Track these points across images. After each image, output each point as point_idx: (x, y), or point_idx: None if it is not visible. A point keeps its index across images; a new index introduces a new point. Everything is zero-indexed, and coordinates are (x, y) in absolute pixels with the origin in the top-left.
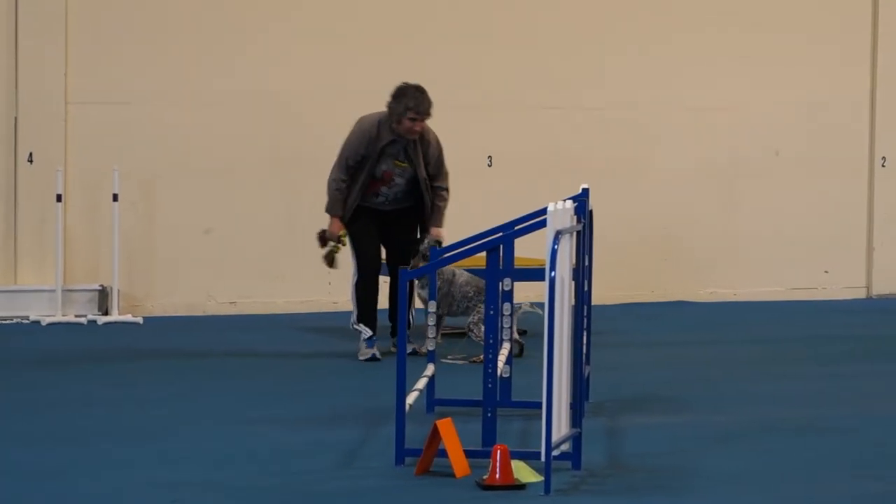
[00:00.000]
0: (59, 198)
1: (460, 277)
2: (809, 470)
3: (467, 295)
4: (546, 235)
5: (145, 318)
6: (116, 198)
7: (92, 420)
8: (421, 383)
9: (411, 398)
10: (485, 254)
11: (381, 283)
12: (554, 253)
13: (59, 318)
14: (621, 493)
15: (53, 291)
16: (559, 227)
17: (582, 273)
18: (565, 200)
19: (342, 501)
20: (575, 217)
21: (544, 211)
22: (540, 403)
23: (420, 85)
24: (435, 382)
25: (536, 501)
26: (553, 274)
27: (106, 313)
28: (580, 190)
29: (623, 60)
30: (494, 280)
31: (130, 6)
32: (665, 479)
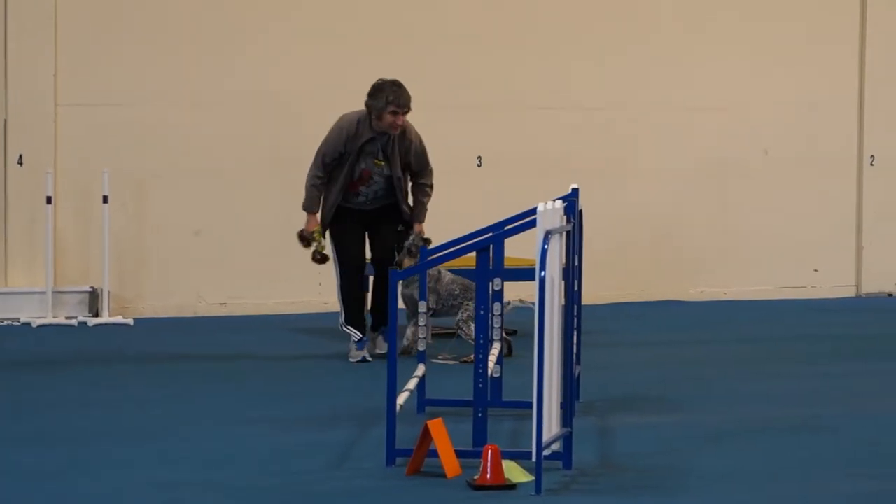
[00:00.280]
0: (49, 200)
1: (445, 276)
2: (800, 469)
3: (453, 293)
4: (536, 235)
5: (136, 320)
6: (106, 199)
7: (86, 421)
8: (411, 384)
9: (402, 399)
10: (475, 254)
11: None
12: (544, 253)
13: (50, 320)
14: (612, 493)
15: (44, 293)
16: (549, 227)
17: (572, 273)
18: (555, 200)
19: (334, 502)
20: (564, 217)
21: (534, 211)
22: (530, 403)
23: (396, 80)
24: (425, 383)
25: (527, 501)
26: (543, 274)
27: (96, 315)
28: (570, 190)
29: (613, 60)
30: (484, 280)
31: (120, 8)
32: (656, 479)
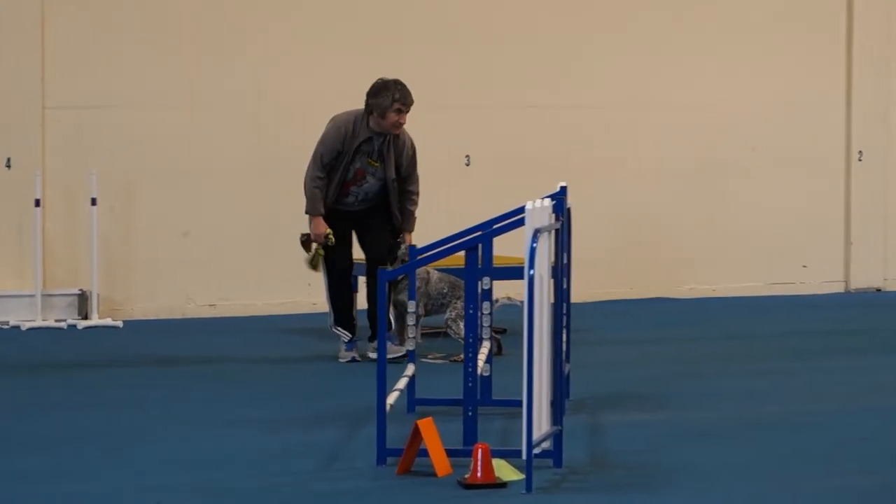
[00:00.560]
0: (38, 202)
1: (433, 275)
2: (790, 465)
3: (442, 291)
4: (525, 234)
5: (125, 322)
6: (95, 202)
7: (75, 424)
8: (401, 383)
9: (392, 398)
10: (463, 253)
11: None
12: (532, 251)
13: (39, 323)
14: (603, 491)
15: (33, 296)
16: (537, 226)
17: (561, 271)
18: (543, 199)
19: (324, 502)
20: (553, 215)
21: (522, 209)
22: (520, 402)
23: (398, 78)
24: (415, 382)
25: (518, 500)
26: (532, 272)
27: (86, 317)
28: (558, 188)
29: (601, 60)
30: (473, 279)
31: (107, 10)
32: (646, 476)
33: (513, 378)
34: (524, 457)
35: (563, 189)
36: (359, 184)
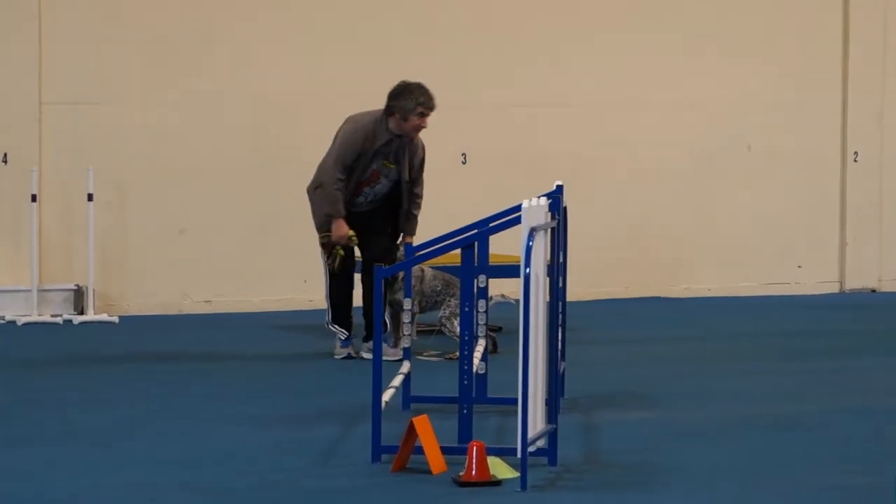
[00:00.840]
0: (34, 198)
1: (427, 273)
2: (783, 465)
3: (436, 289)
4: (521, 232)
5: (121, 318)
6: (91, 198)
7: (68, 420)
8: (397, 380)
9: (387, 395)
10: (459, 251)
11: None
12: (528, 250)
13: (35, 318)
14: (597, 489)
15: (29, 291)
16: (533, 224)
17: (557, 269)
18: (539, 197)
19: (319, 499)
20: (549, 214)
21: (519, 208)
22: (516, 400)
23: (419, 82)
24: (411, 379)
25: (513, 497)
26: (528, 270)
27: (81, 313)
28: (554, 187)
29: (597, 59)
30: (469, 277)
31: (104, 6)
32: (641, 475)
33: (508, 376)
34: (519, 455)
35: (560, 188)
36: (372, 185)
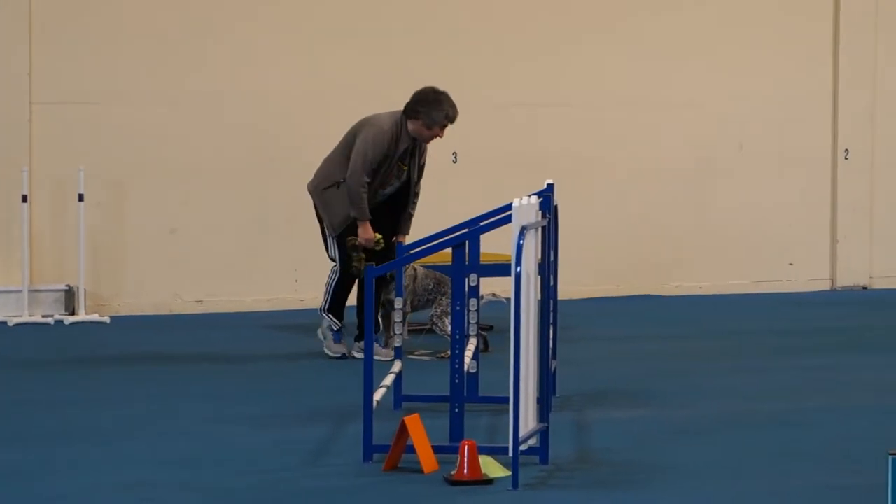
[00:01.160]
0: (25, 198)
1: (419, 272)
2: (775, 463)
3: (427, 288)
4: (512, 231)
5: (112, 318)
6: (82, 198)
7: (61, 420)
8: (388, 380)
9: (379, 395)
10: (451, 250)
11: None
12: (519, 248)
13: (26, 319)
14: (589, 488)
15: (20, 292)
16: (524, 223)
17: (548, 268)
18: (530, 196)
19: (311, 499)
20: (540, 213)
21: (509, 207)
22: (507, 398)
23: (444, 91)
24: (402, 379)
25: (504, 496)
26: (519, 269)
27: (73, 313)
28: (545, 185)
29: (589, 58)
30: (460, 276)
31: (96, 5)
32: (632, 473)
33: (499, 375)
34: (510, 453)
35: (550, 186)
36: (385, 187)
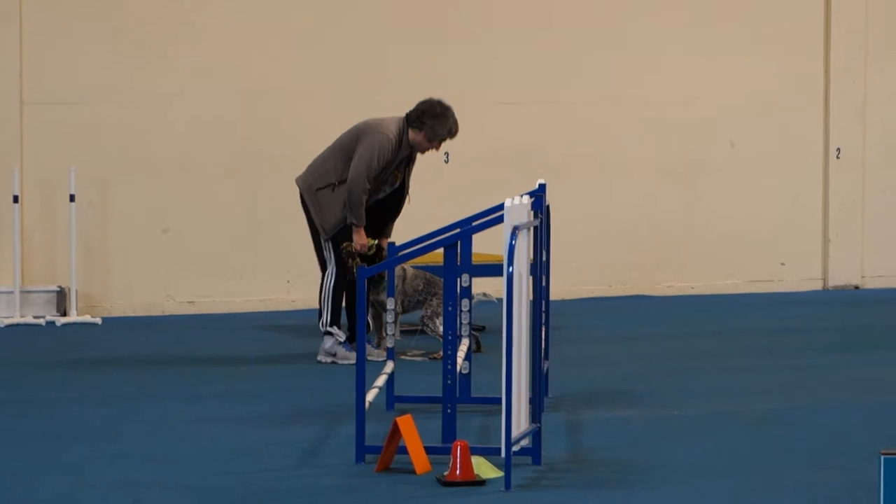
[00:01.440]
0: (16, 199)
1: (409, 272)
2: (768, 462)
3: (418, 288)
4: (504, 231)
5: (104, 319)
6: (73, 198)
7: (52, 421)
8: (380, 380)
9: (371, 395)
10: (442, 250)
11: None
12: (511, 248)
13: (18, 320)
14: (582, 488)
15: (11, 293)
16: (516, 223)
17: (540, 268)
18: (522, 196)
19: (303, 499)
20: (532, 212)
21: (501, 207)
22: (499, 399)
23: (449, 106)
24: (394, 379)
25: (497, 497)
26: (511, 269)
27: (64, 314)
28: (537, 185)
29: (580, 56)
30: (453, 276)
31: (86, 5)
32: (625, 473)
33: (492, 375)
34: (503, 454)
35: (542, 186)
36: (377, 193)
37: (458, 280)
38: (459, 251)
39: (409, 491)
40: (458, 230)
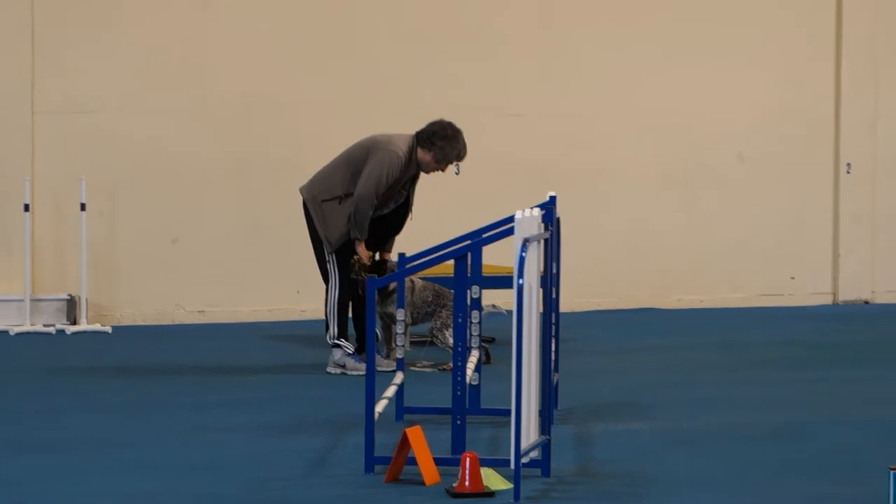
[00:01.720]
0: (27, 207)
1: (417, 283)
2: (776, 475)
3: (427, 300)
4: (514, 243)
5: (114, 328)
6: (84, 207)
7: (61, 429)
8: (390, 391)
9: (380, 406)
10: (453, 262)
11: None
12: (522, 260)
13: (28, 328)
14: (590, 500)
15: (22, 301)
16: (527, 235)
17: (550, 280)
18: (533, 208)
19: None
20: (543, 225)
21: (512, 219)
22: (509, 411)
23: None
24: (404, 390)
25: None
26: (521, 281)
27: (74, 323)
28: (547, 197)
29: (588, 67)
30: (463, 288)
31: (97, 15)
32: (634, 486)
33: (501, 387)
34: (512, 466)
35: (553, 198)
36: (382, 209)
37: (469, 292)
38: (469, 263)
39: (419, 502)
40: (469, 242)
